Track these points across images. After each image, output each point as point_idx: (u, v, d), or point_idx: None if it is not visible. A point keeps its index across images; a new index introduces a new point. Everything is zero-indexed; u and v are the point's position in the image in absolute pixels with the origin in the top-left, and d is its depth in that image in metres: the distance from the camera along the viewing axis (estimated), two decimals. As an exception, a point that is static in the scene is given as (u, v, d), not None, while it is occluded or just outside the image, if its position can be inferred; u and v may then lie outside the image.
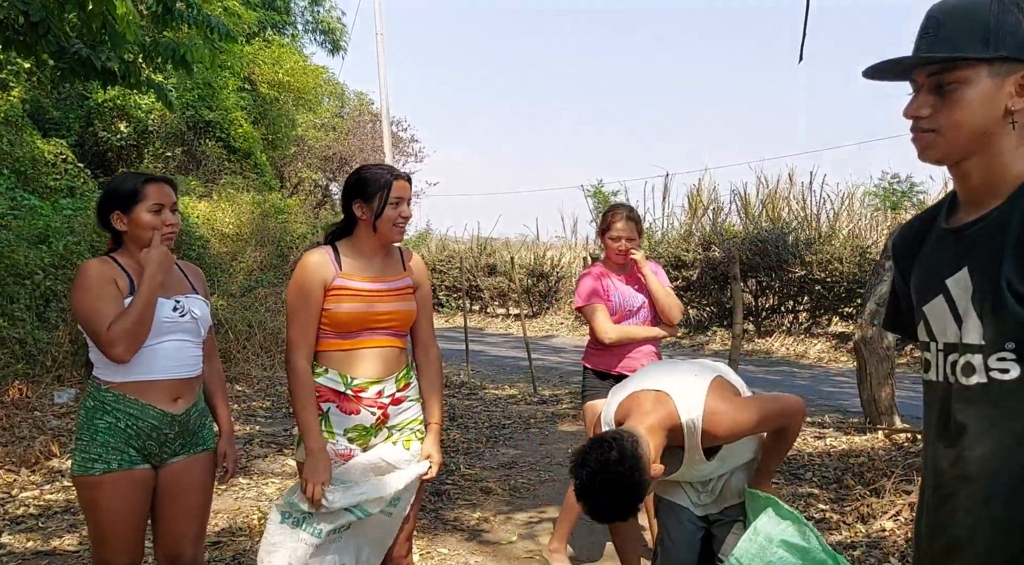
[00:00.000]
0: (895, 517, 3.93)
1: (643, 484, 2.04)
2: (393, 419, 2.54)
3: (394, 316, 2.51)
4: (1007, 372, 1.23)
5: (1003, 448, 1.24)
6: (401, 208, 2.48)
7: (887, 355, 5.92)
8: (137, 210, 2.40)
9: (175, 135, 13.43)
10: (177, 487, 2.45)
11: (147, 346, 2.35)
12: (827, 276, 12.36)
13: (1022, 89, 1.25)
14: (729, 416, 2.20)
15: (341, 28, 21.32)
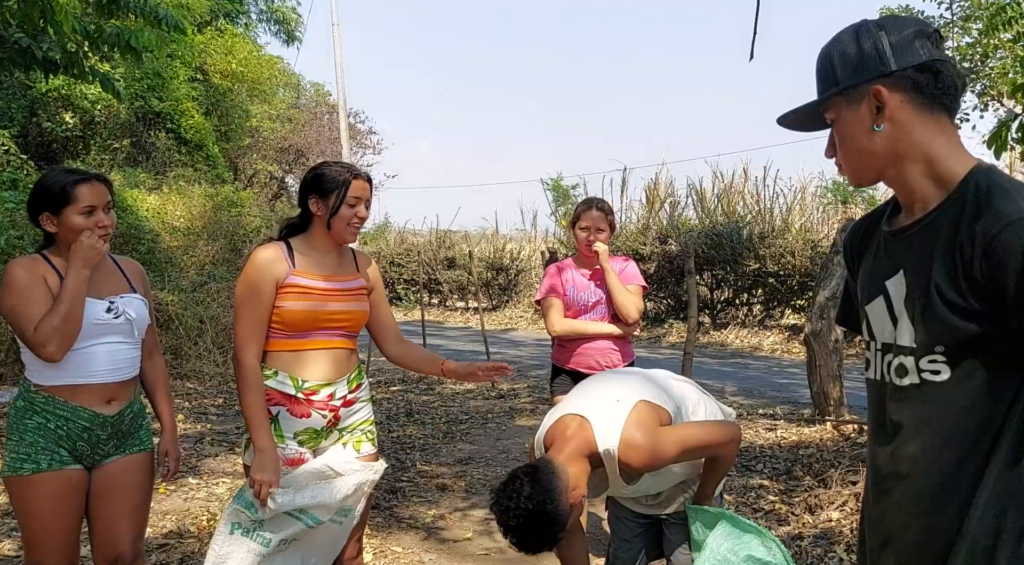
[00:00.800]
0: (841, 507, 4.02)
1: (560, 514, 2.03)
2: (344, 421, 2.52)
3: (347, 316, 2.48)
4: (938, 373, 1.26)
5: (933, 447, 1.28)
6: (358, 208, 2.44)
7: (836, 348, 6.04)
8: (67, 212, 2.31)
9: (123, 126, 13.09)
10: (112, 488, 2.40)
11: (78, 349, 2.29)
12: (780, 269, 12.59)
13: (875, 109, 1.30)
14: (645, 450, 2.12)
15: (296, 18, 20.99)
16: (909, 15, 1.56)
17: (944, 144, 1.30)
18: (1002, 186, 1.22)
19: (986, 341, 1.21)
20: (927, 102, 1.29)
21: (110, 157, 13.04)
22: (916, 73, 1.28)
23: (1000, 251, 1.17)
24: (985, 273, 1.19)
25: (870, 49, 1.29)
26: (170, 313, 8.60)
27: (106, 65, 10.07)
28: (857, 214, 13.28)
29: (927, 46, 1.28)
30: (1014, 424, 1.21)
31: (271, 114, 18.63)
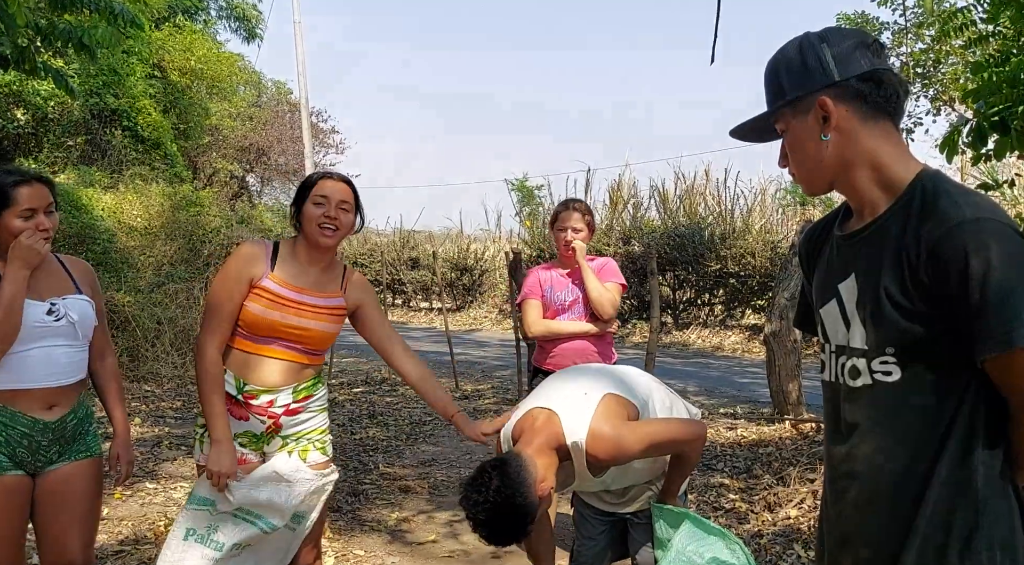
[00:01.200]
0: (799, 505, 4.09)
1: (529, 506, 2.04)
2: (288, 429, 2.46)
3: (306, 333, 2.41)
4: (890, 374, 1.29)
5: (886, 447, 1.30)
6: (326, 208, 2.36)
7: (794, 348, 6.15)
8: (6, 216, 2.23)
9: (78, 124, 12.78)
10: (58, 495, 2.33)
11: (16, 353, 2.22)
12: (741, 270, 12.77)
13: (822, 119, 1.33)
14: (612, 442, 2.13)
15: (257, 15, 20.69)
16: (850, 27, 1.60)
17: (890, 151, 1.32)
18: (947, 190, 1.25)
19: (934, 342, 1.24)
20: (871, 110, 1.32)
21: (64, 155, 12.72)
22: (859, 83, 1.31)
23: (944, 254, 1.19)
24: (931, 275, 1.21)
25: (813, 61, 1.33)
26: (126, 314, 8.42)
27: (59, 61, 9.82)
28: (815, 215, 13.52)
29: (867, 56, 1.32)
30: (962, 423, 1.24)
31: (231, 112, 18.34)
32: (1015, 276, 1.15)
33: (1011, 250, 1.16)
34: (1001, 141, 3.70)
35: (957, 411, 1.24)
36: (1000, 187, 4.65)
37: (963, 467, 1.23)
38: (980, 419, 1.23)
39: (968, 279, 1.17)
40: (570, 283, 3.55)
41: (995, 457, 1.24)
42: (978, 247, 1.16)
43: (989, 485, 1.23)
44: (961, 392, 1.24)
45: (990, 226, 1.18)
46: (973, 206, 1.20)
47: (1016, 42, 4.02)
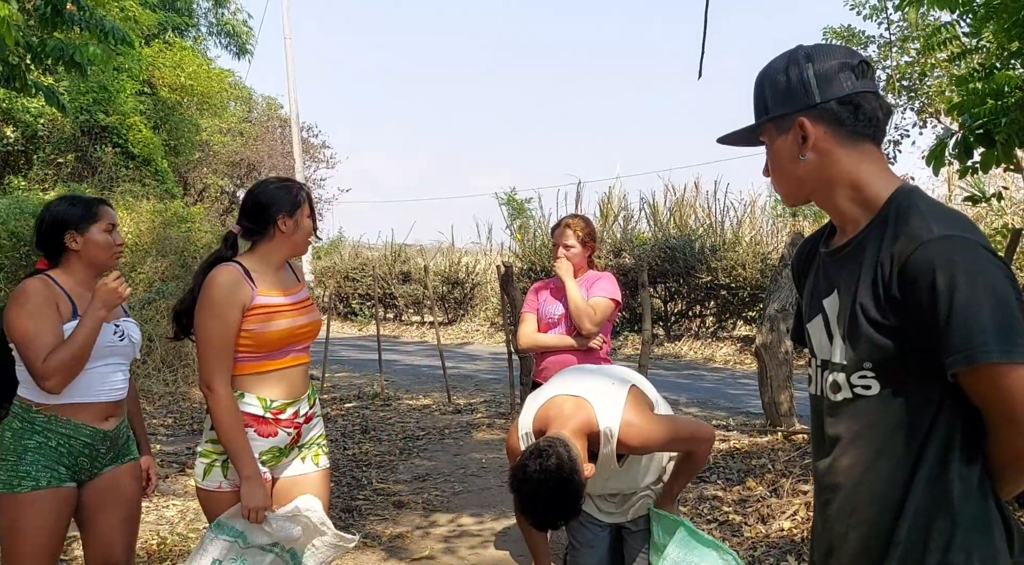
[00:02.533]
0: (792, 516, 4.10)
1: (581, 485, 2.09)
2: (304, 437, 2.55)
3: (311, 329, 2.52)
4: (869, 388, 1.31)
5: (866, 459, 1.33)
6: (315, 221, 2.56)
7: (786, 360, 6.17)
8: (93, 230, 2.46)
9: (68, 141, 12.76)
10: (107, 498, 2.50)
11: (87, 369, 2.39)
12: (732, 281, 12.82)
13: (801, 138, 1.36)
14: (644, 429, 2.22)
15: (247, 31, 20.75)
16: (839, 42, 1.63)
17: (868, 170, 1.35)
18: (918, 208, 1.27)
19: (909, 357, 1.26)
20: (849, 133, 1.34)
21: (54, 172, 12.69)
22: (838, 106, 1.33)
23: (913, 270, 1.22)
24: (902, 292, 1.24)
25: (796, 80, 1.35)
26: (117, 332, 8.38)
27: (49, 78, 9.81)
28: (805, 227, 13.60)
29: (851, 78, 1.34)
30: (939, 436, 1.26)
31: (222, 128, 18.34)
32: (980, 292, 1.17)
33: (977, 267, 1.18)
34: (987, 154, 3.75)
35: (933, 424, 1.26)
36: (988, 199, 4.70)
37: (940, 479, 1.25)
38: (957, 432, 1.25)
39: (936, 295, 1.19)
40: (559, 299, 3.58)
41: (972, 469, 1.25)
42: (944, 264, 1.18)
43: (966, 497, 1.24)
44: (937, 406, 1.25)
45: (957, 242, 1.20)
46: (942, 223, 1.23)
47: (1000, 55, 4.08)
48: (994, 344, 1.15)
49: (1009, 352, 1.15)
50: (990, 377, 1.17)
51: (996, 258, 1.21)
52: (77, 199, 2.56)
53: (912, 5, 4.33)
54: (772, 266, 11.53)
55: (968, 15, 4.07)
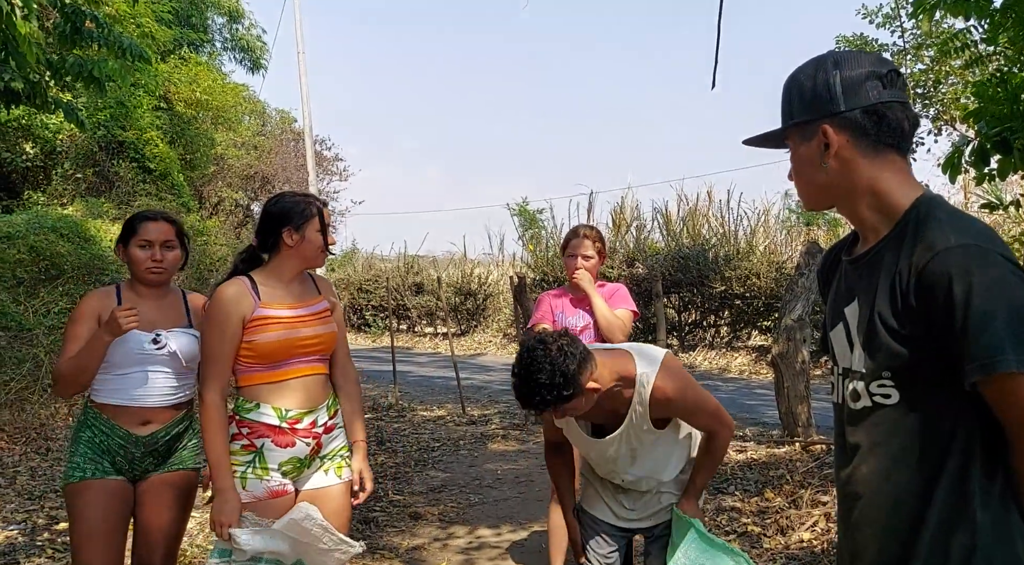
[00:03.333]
0: (812, 528, 4.06)
1: (573, 379, 2.10)
2: (325, 448, 2.54)
3: (319, 340, 2.50)
4: (889, 397, 1.31)
5: (885, 468, 1.32)
6: (329, 235, 2.53)
7: (803, 370, 6.13)
8: (131, 245, 2.67)
9: (86, 156, 12.91)
10: (148, 501, 2.62)
11: (119, 374, 2.56)
12: (746, 291, 12.75)
13: (823, 146, 1.35)
14: (679, 383, 2.28)
15: (261, 46, 20.97)
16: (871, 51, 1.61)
17: (890, 178, 1.34)
18: (936, 217, 1.27)
19: (928, 366, 1.25)
20: (872, 142, 1.33)
21: (72, 187, 12.83)
22: (862, 115, 1.33)
23: (929, 279, 1.21)
24: (918, 300, 1.24)
25: (822, 87, 1.35)
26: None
27: (68, 94, 9.94)
28: (820, 236, 13.55)
29: (877, 88, 1.33)
30: (959, 446, 1.24)
31: (236, 142, 18.49)
32: (996, 301, 1.16)
33: (994, 275, 1.18)
34: (1004, 161, 3.72)
35: (953, 434, 1.25)
36: (1006, 207, 4.67)
37: (960, 490, 1.24)
38: (977, 443, 1.24)
39: (952, 304, 1.18)
40: (581, 309, 3.56)
41: (994, 480, 1.24)
42: (961, 273, 1.18)
43: (987, 508, 1.23)
44: (956, 415, 1.24)
45: (974, 251, 1.19)
46: (960, 232, 1.22)
47: (1016, 62, 4.06)
48: (1011, 353, 1.14)
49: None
50: (1008, 387, 1.17)
51: (1016, 267, 1.20)
52: (136, 213, 2.76)
53: (926, 13, 4.32)
54: (787, 275, 11.48)
55: (984, 21, 4.06)
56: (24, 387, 7.37)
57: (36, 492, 5.23)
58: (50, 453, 6.27)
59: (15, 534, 4.39)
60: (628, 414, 2.31)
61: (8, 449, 6.30)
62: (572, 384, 2.10)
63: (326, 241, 2.50)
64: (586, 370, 2.14)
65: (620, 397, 2.29)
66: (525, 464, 6.19)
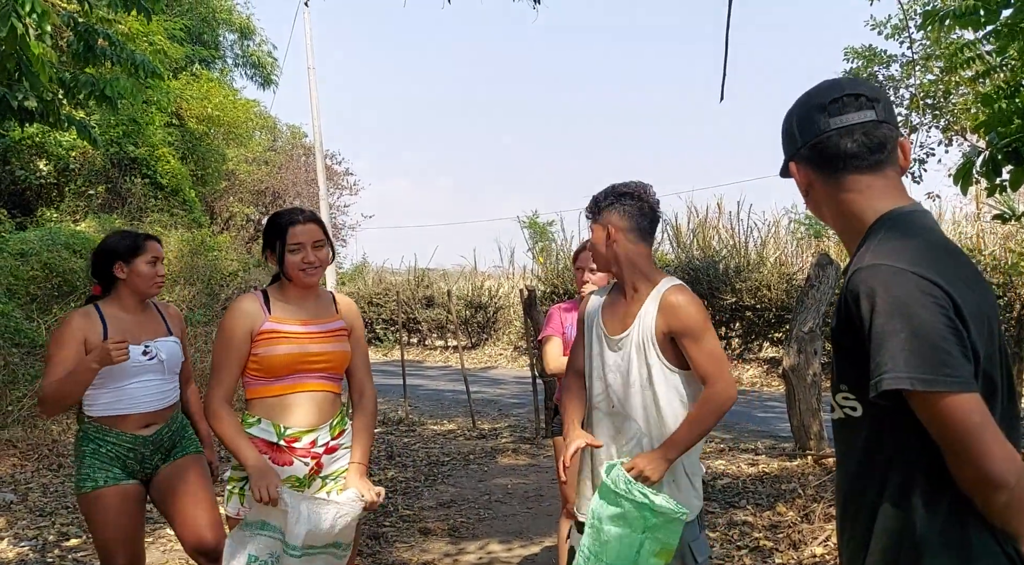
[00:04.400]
0: (825, 542, 4.02)
1: (622, 196, 2.38)
2: (327, 468, 2.51)
3: (327, 358, 2.49)
4: (855, 410, 1.33)
5: (849, 477, 1.36)
6: (303, 254, 2.44)
7: (815, 382, 6.09)
8: (137, 262, 2.78)
9: (98, 173, 13.03)
10: (175, 485, 2.79)
11: (119, 386, 2.72)
12: (757, 302, 12.70)
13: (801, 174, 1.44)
14: (692, 299, 2.34)
15: (272, 62, 21.13)
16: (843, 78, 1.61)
17: (854, 199, 1.39)
18: (877, 235, 1.32)
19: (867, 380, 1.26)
20: (828, 172, 1.40)
21: (85, 203, 12.95)
22: (808, 151, 1.42)
23: (847, 297, 1.27)
24: (841, 317, 1.29)
25: (788, 127, 1.47)
26: (146, 359, 8.48)
27: (81, 112, 10.06)
28: (830, 247, 13.48)
29: (822, 119, 1.39)
30: (902, 460, 1.26)
31: (247, 157, 18.64)
32: (895, 320, 1.19)
33: (896, 294, 1.20)
34: (1016, 171, 3.71)
35: (900, 447, 1.26)
36: (1018, 218, 4.64)
37: (903, 504, 1.25)
38: (922, 458, 1.24)
39: (862, 322, 1.23)
40: None
41: (941, 494, 1.23)
42: (867, 292, 1.23)
43: (931, 524, 1.22)
44: (900, 430, 1.25)
45: (882, 271, 1.23)
46: (879, 252, 1.26)
47: (1025, 73, 4.05)
48: (903, 371, 1.16)
49: (924, 380, 1.15)
50: (918, 406, 1.19)
51: (935, 286, 1.19)
52: (127, 234, 2.88)
53: (935, 24, 4.31)
54: (798, 287, 11.43)
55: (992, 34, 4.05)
56: (37, 404, 7.42)
57: (48, 509, 5.25)
58: (62, 469, 6.29)
59: (27, 550, 4.40)
60: (640, 312, 2.34)
61: (20, 466, 6.33)
62: (606, 199, 2.39)
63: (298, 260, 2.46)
64: (621, 214, 2.37)
65: (641, 291, 2.38)
66: (535, 479, 6.16)
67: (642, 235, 2.40)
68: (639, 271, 2.39)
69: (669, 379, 2.32)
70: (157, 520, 5.00)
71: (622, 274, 2.41)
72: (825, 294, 6.36)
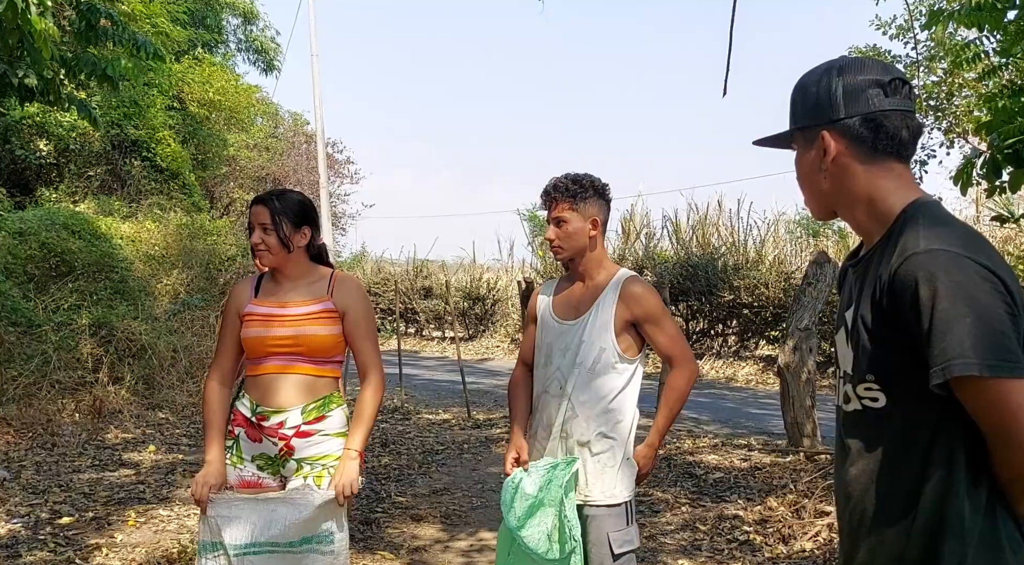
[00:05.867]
0: (814, 538, 4.04)
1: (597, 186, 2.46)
2: (301, 452, 2.45)
3: (296, 340, 2.43)
4: (876, 400, 1.31)
5: (871, 471, 1.32)
6: (254, 235, 2.48)
7: (809, 380, 6.10)
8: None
9: (98, 154, 13.00)
10: None
11: None
12: (754, 300, 12.71)
13: (822, 151, 1.37)
14: (652, 290, 2.44)
15: (275, 48, 21.08)
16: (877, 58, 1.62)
17: (886, 185, 1.35)
18: (917, 222, 1.27)
19: (906, 370, 1.25)
20: (869, 150, 1.35)
21: (84, 185, 12.91)
22: (860, 123, 1.34)
23: (899, 284, 1.22)
24: (889, 304, 1.25)
25: (824, 94, 1.36)
26: (143, 342, 8.48)
27: (82, 92, 10.03)
28: (828, 247, 13.48)
29: (878, 95, 1.34)
30: (943, 452, 1.24)
31: (249, 143, 18.59)
32: (960, 305, 1.16)
33: (959, 280, 1.17)
34: (1016, 173, 3.71)
35: (935, 440, 1.24)
36: (1017, 219, 4.64)
37: (948, 498, 1.23)
38: (962, 449, 1.23)
39: (919, 308, 1.19)
40: None
41: (980, 487, 1.22)
42: (927, 277, 1.19)
43: (975, 516, 1.22)
44: (938, 420, 1.24)
45: (942, 256, 1.19)
46: (931, 238, 1.23)
47: (1028, 74, 4.05)
48: (972, 357, 1.14)
49: (990, 366, 1.14)
50: (976, 392, 1.16)
51: (990, 273, 1.18)
52: None
53: (940, 23, 4.31)
54: (796, 285, 11.44)
55: (997, 33, 4.04)
56: (32, 382, 7.41)
57: (40, 487, 5.25)
58: (55, 448, 6.30)
59: (19, 527, 4.41)
60: (599, 299, 2.42)
61: (15, 443, 6.33)
62: (589, 190, 2.43)
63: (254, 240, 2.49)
64: (601, 208, 2.45)
65: (598, 279, 2.47)
66: (528, 469, 6.17)
67: (605, 229, 2.55)
68: (599, 262, 2.49)
69: (616, 366, 2.41)
70: (150, 501, 5.02)
71: (584, 263, 2.49)
72: (822, 292, 6.36)
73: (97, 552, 4.08)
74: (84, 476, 5.59)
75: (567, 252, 2.47)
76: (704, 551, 4.10)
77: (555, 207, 2.46)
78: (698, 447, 6.76)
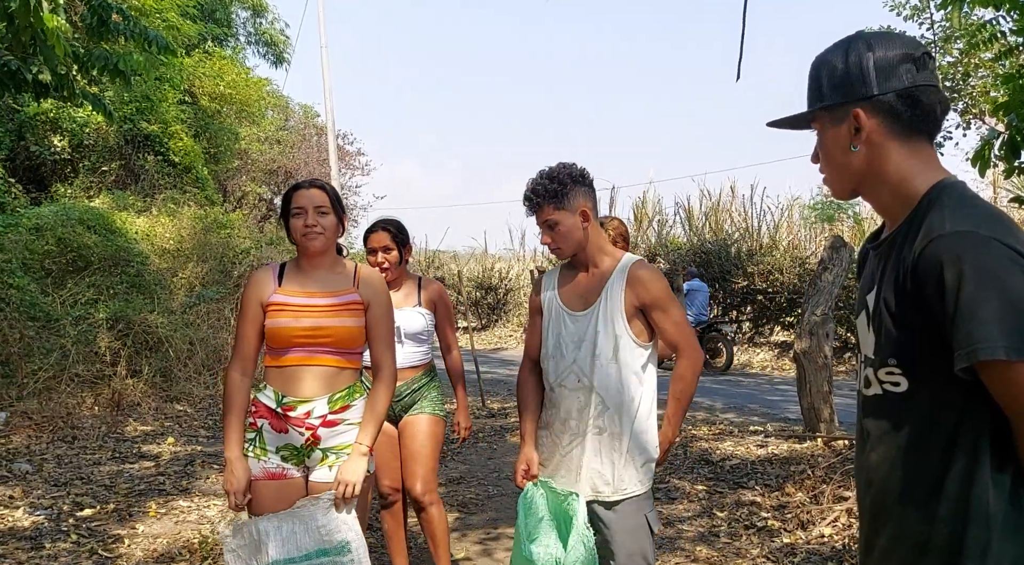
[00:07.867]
0: (833, 523, 4.03)
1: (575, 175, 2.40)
2: (327, 441, 2.47)
3: (327, 332, 2.44)
4: (898, 385, 1.28)
5: (893, 456, 1.30)
6: (304, 218, 2.46)
7: (826, 365, 6.07)
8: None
9: (112, 149, 13.07)
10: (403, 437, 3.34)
11: None
12: (769, 286, 12.66)
13: (854, 129, 1.32)
14: (657, 274, 2.42)
15: (284, 40, 21.09)
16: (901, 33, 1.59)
17: (914, 164, 1.32)
18: (942, 203, 1.24)
19: (929, 353, 1.23)
20: (904, 127, 1.31)
21: (98, 180, 13.00)
22: (895, 99, 1.30)
23: (924, 266, 1.20)
24: (914, 287, 1.22)
25: (855, 69, 1.31)
26: (159, 335, 8.55)
27: (95, 87, 10.08)
28: (843, 232, 13.40)
29: (911, 71, 1.30)
30: (968, 436, 1.22)
31: (260, 136, 18.64)
32: (987, 288, 1.14)
33: (986, 262, 1.15)
34: (1034, 153, 3.66)
35: (961, 426, 1.22)
36: (1033, 200, 4.58)
37: (972, 482, 1.21)
38: (987, 435, 1.21)
39: (944, 291, 1.17)
40: None
41: (1006, 473, 1.20)
42: (953, 259, 1.16)
43: (1001, 502, 1.20)
44: (964, 406, 1.22)
45: (968, 238, 1.17)
46: (957, 219, 1.20)
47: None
48: (1000, 340, 1.12)
49: (1017, 350, 1.11)
50: (1001, 376, 1.14)
51: (1017, 255, 1.16)
52: None
53: (955, 4, 4.25)
54: (810, 271, 11.37)
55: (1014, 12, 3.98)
56: (51, 376, 7.49)
57: (62, 479, 5.32)
58: (76, 441, 6.37)
59: (42, 519, 4.47)
60: (606, 287, 2.40)
61: (36, 437, 6.41)
62: (568, 184, 2.37)
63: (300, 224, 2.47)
64: (585, 195, 2.40)
65: (603, 267, 2.44)
66: (544, 457, 6.19)
67: (597, 214, 2.50)
68: (599, 247, 2.46)
69: (632, 352, 2.39)
70: (170, 492, 5.07)
71: (586, 253, 2.46)
72: (839, 277, 6.32)
73: (119, 543, 4.13)
74: (104, 468, 5.65)
75: (567, 251, 2.45)
76: (723, 537, 4.10)
77: (541, 212, 2.41)
78: (714, 434, 6.75)
